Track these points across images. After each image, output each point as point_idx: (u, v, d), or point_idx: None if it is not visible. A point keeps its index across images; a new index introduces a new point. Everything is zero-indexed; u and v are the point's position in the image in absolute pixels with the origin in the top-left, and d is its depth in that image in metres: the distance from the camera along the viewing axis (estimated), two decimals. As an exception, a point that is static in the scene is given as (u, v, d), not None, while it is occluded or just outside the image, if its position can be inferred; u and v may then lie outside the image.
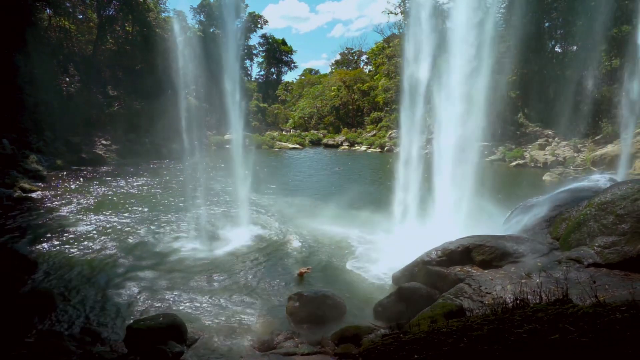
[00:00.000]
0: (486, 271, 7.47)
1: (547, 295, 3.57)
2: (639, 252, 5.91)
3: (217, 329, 7.06)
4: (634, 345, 2.05)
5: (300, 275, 9.57)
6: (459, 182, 12.22)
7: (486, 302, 5.76)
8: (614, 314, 2.48)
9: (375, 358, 2.79)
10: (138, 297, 8.40)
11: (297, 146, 46.76)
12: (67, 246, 11.22)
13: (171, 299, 8.32)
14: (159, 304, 8.08)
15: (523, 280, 6.35)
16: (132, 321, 6.65)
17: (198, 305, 8.10)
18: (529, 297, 3.59)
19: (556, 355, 2.13)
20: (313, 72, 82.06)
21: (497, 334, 2.47)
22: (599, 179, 10.36)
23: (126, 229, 13.02)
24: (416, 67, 13.19)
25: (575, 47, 35.36)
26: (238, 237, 12.46)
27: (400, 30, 48.54)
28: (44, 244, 11.27)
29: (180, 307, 7.96)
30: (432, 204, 12.57)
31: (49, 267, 9.69)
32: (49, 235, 12.02)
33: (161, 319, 6.31)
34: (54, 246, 11.18)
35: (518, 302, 3.32)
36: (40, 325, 6.90)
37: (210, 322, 7.37)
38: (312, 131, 56.13)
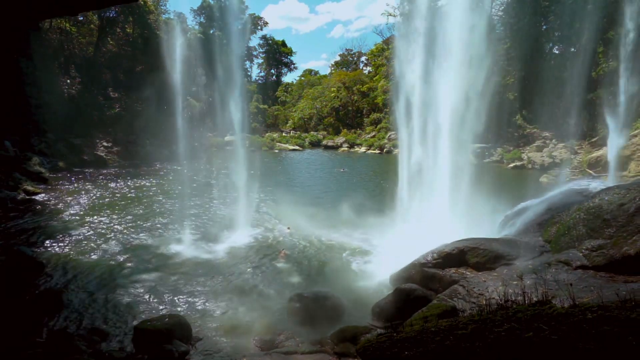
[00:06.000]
0: (480, 273, 7.74)
1: (533, 297, 3.84)
2: (623, 255, 6.19)
3: (221, 329, 7.33)
4: (597, 342, 2.32)
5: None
6: (457, 184, 12.48)
7: (478, 303, 6.02)
8: (584, 314, 2.75)
9: (370, 355, 3.05)
10: (143, 297, 8.67)
11: (297, 147, 46.99)
12: (71, 248, 11.48)
13: (175, 300, 8.59)
14: (164, 305, 8.35)
15: (514, 282, 6.62)
16: (138, 321, 6.92)
17: (202, 305, 8.37)
18: (517, 298, 3.86)
19: (529, 351, 2.40)
20: (313, 73, 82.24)
21: (479, 333, 2.74)
22: (589, 183, 10.67)
23: (129, 231, 13.28)
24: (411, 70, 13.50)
25: (572, 49, 35.62)
26: (239, 239, 12.74)
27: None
28: (50, 246, 11.54)
29: (185, 308, 8.23)
30: (430, 207, 12.83)
31: (55, 268, 9.97)
32: (54, 237, 12.28)
33: (167, 319, 6.58)
34: (59, 248, 11.45)
35: (503, 303, 3.58)
36: (50, 325, 7.17)
37: (213, 322, 7.63)
38: (311, 132, 56.31)
